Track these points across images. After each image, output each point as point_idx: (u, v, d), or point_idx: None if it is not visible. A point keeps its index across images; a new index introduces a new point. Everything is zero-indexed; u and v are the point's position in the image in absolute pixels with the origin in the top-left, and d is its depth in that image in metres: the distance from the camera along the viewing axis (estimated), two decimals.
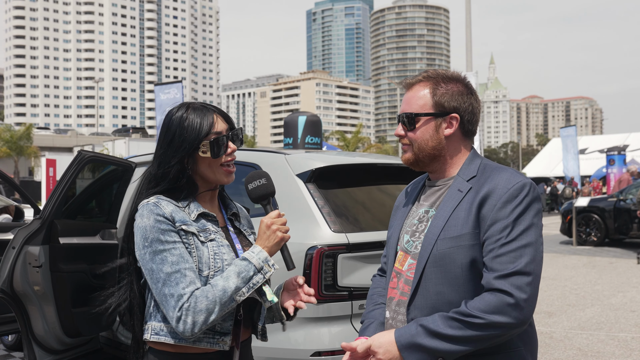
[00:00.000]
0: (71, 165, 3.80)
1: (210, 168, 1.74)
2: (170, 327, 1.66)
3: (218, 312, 1.60)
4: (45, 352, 3.84)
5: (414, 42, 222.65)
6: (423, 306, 1.60)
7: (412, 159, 1.71)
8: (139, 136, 54.09)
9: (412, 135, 1.69)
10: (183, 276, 1.61)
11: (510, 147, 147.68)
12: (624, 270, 10.12)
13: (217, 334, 1.70)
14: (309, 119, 7.60)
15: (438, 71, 1.72)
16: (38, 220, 3.72)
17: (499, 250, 1.51)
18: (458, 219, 1.58)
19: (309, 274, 2.96)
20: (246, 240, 1.89)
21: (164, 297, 1.60)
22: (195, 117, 1.72)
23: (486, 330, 1.48)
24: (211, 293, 1.60)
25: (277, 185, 3.36)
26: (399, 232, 1.79)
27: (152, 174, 1.76)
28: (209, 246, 1.70)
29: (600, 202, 13.66)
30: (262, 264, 1.67)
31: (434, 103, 1.67)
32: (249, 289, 1.64)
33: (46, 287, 3.71)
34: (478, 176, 1.63)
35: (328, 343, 2.95)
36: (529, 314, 1.50)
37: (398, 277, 1.72)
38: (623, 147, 28.24)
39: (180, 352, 1.68)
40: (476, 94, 1.72)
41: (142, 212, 1.67)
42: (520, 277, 1.48)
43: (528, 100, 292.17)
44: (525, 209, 1.54)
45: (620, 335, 5.87)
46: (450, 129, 1.67)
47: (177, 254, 1.63)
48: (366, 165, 3.64)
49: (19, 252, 3.69)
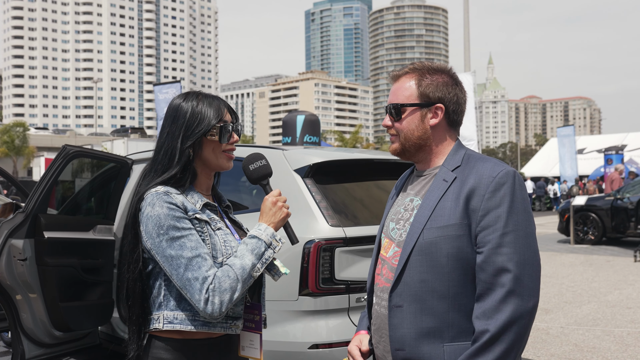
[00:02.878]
0: (55, 160, 3.81)
1: (214, 152, 1.80)
2: (185, 314, 1.69)
3: (240, 289, 1.68)
4: (34, 345, 3.83)
5: (412, 42, 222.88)
6: (405, 293, 1.63)
7: (399, 149, 1.76)
8: (137, 136, 54.10)
9: (399, 126, 1.74)
10: (204, 260, 1.66)
11: (508, 147, 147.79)
12: (621, 268, 10.16)
13: (229, 319, 1.77)
14: (308, 118, 7.62)
15: (424, 63, 1.77)
16: (21, 214, 3.72)
17: (498, 240, 1.54)
18: (444, 209, 1.62)
19: (307, 267, 2.99)
20: (241, 230, 1.94)
21: (188, 281, 1.63)
22: (208, 103, 1.80)
23: (518, 336, 1.52)
24: (232, 272, 1.67)
25: (275, 180, 3.40)
26: (385, 219, 1.84)
27: (156, 162, 1.79)
28: (218, 234, 1.76)
29: (598, 201, 13.70)
30: (270, 240, 1.75)
31: (420, 93, 1.71)
32: (262, 264, 1.73)
33: (32, 280, 3.72)
34: (462, 166, 1.67)
35: (325, 336, 2.99)
36: (538, 295, 1.56)
37: (382, 263, 1.77)
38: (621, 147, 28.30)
39: (187, 339, 1.72)
40: (462, 85, 1.76)
41: (153, 201, 1.70)
42: (524, 267, 1.53)
43: (526, 101, 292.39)
44: (513, 196, 1.58)
45: (616, 331, 5.91)
46: (435, 118, 1.72)
47: (195, 239, 1.68)
48: (363, 160, 3.67)
49: (3, 245, 3.69)
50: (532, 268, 1.55)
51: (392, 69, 1.81)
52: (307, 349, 2.97)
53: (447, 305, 1.58)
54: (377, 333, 1.75)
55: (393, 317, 1.64)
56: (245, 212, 3.36)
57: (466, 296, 1.58)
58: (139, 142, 37.24)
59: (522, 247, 1.55)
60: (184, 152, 1.75)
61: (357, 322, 3.06)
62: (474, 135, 10.72)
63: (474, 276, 1.58)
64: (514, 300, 1.51)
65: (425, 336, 1.59)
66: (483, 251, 1.56)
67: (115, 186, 4.31)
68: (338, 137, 58.84)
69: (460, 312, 1.58)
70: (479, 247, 1.57)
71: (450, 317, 1.58)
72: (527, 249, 1.55)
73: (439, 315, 1.58)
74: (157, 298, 1.74)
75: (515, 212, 1.56)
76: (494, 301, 1.52)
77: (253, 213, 3.26)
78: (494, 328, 1.50)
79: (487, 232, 1.56)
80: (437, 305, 1.59)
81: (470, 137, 10.48)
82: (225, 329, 1.76)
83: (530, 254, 1.56)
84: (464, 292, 1.58)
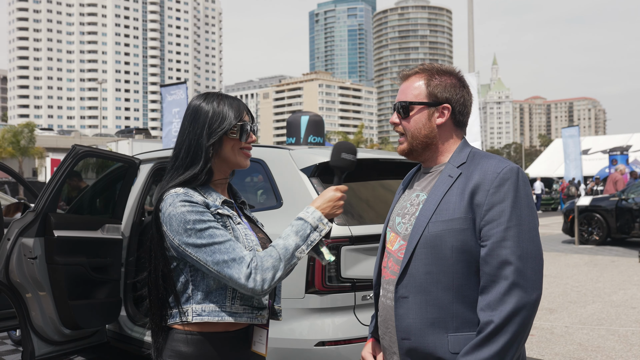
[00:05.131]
0: (65, 160, 3.85)
1: (233, 150, 1.84)
2: (213, 305, 1.74)
3: (283, 269, 1.71)
4: (44, 343, 3.88)
5: (416, 43, 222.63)
6: (411, 285, 1.67)
7: (407, 149, 1.81)
8: (142, 137, 54.20)
9: (406, 124, 1.79)
10: (236, 244, 1.71)
11: (513, 147, 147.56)
12: (626, 268, 10.16)
13: (255, 309, 1.81)
14: (312, 119, 7.65)
15: (433, 65, 1.83)
16: (32, 213, 3.76)
17: (502, 234, 1.58)
18: (449, 203, 1.66)
19: (313, 265, 3.03)
20: (257, 227, 1.98)
21: (225, 263, 1.67)
22: (229, 103, 1.85)
23: (522, 327, 1.56)
24: (274, 252, 1.72)
25: (281, 179, 3.45)
26: (391, 214, 1.89)
27: (178, 160, 1.82)
28: (239, 228, 1.81)
29: (603, 202, 13.68)
30: (317, 223, 1.78)
31: (428, 93, 1.77)
32: (307, 246, 1.76)
33: (42, 278, 3.76)
34: (467, 163, 1.72)
35: (332, 333, 3.02)
36: (541, 288, 1.60)
37: (388, 256, 1.82)
38: (626, 148, 28.26)
39: (205, 332, 1.76)
40: (469, 88, 1.82)
41: (173, 201, 1.73)
42: (527, 260, 1.58)
43: (531, 101, 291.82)
44: (517, 191, 1.62)
45: (621, 331, 5.92)
46: (442, 118, 1.77)
47: (222, 229, 1.73)
48: (369, 160, 3.70)
49: (14, 243, 3.73)
50: (535, 261, 1.59)
51: (397, 70, 1.88)
52: (313, 346, 3.00)
53: (452, 297, 1.63)
54: (384, 324, 1.80)
55: (399, 307, 1.69)
56: (252, 211, 3.39)
57: (470, 288, 1.62)
58: (144, 143, 37.30)
59: (525, 241, 1.59)
60: (207, 149, 1.80)
61: (363, 319, 3.10)
62: (478, 136, 10.71)
63: (478, 268, 1.62)
64: (517, 292, 1.55)
65: (430, 326, 1.63)
66: (487, 244, 1.60)
67: (123, 186, 4.35)
68: (342, 137, 58.86)
69: (464, 304, 1.62)
70: (483, 241, 1.61)
71: (455, 308, 1.62)
72: (530, 242, 1.59)
73: (443, 306, 1.63)
74: (183, 293, 1.77)
75: (519, 207, 1.61)
76: (497, 293, 1.56)
77: (259, 212, 3.29)
78: (498, 319, 1.54)
79: (491, 226, 1.60)
80: (442, 297, 1.63)
81: (475, 138, 10.48)
82: (252, 319, 1.80)
83: (532, 247, 1.60)
84: (467, 283, 1.63)
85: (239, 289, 1.69)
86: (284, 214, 3.26)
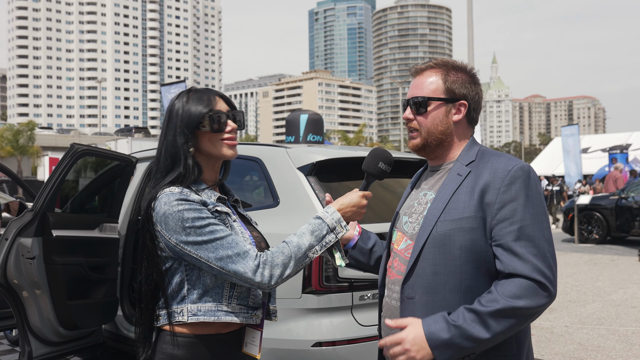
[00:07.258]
0: (64, 159, 3.81)
1: (211, 142, 1.79)
2: (208, 305, 1.70)
3: (293, 267, 1.68)
4: (41, 344, 3.84)
5: (416, 41, 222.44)
6: (418, 285, 1.63)
7: (420, 144, 1.75)
8: (141, 136, 54.10)
9: (422, 119, 1.74)
10: (238, 238, 1.69)
11: (512, 146, 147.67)
12: (626, 267, 10.14)
13: (250, 309, 1.78)
14: (311, 117, 7.63)
15: (447, 60, 1.78)
16: (30, 213, 3.72)
17: (517, 233, 1.55)
18: (459, 202, 1.62)
19: (310, 265, 2.99)
20: (251, 226, 1.94)
21: (229, 258, 1.64)
22: (198, 97, 1.80)
23: (522, 318, 1.53)
24: (287, 249, 1.68)
25: (278, 178, 3.41)
26: (397, 213, 1.85)
27: (159, 164, 1.79)
28: (236, 226, 1.78)
29: (602, 200, 13.66)
30: (335, 224, 1.75)
31: (446, 89, 1.73)
32: (321, 247, 1.72)
33: (40, 278, 3.72)
34: (477, 161, 1.68)
35: (329, 334, 2.99)
36: (556, 285, 1.57)
37: (394, 256, 1.78)
38: (625, 146, 28.23)
39: (197, 334, 1.72)
40: (480, 85, 1.79)
41: (169, 200, 1.69)
42: (544, 258, 1.54)
43: (530, 100, 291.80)
44: (529, 189, 1.59)
45: (621, 330, 5.90)
46: (458, 115, 1.73)
47: (222, 225, 1.70)
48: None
49: (12, 243, 3.69)
50: (551, 259, 1.56)
51: (397, 69, 1.83)
52: (310, 347, 2.97)
53: (459, 299, 1.59)
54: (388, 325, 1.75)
55: (405, 308, 1.65)
56: (248, 210, 3.36)
57: (478, 290, 1.58)
58: (143, 142, 37.16)
59: (539, 239, 1.56)
60: (183, 149, 1.76)
61: (360, 320, 3.07)
62: (478, 135, 10.70)
63: (486, 270, 1.59)
64: (532, 290, 1.52)
65: None
66: (501, 243, 1.57)
67: (120, 184, 4.32)
68: (342, 136, 58.86)
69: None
70: (495, 240, 1.58)
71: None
72: (544, 241, 1.57)
73: (451, 308, 1.58)
74: (178, 293, 1.73)
75: (531, 205, 1.58)
76: (512, 288, 1.52)
77: (256, 211, 3.26)
78: (502, 304, 1.51)
79: (503, 224, 1.57)
80: (450, 298, 1.59)
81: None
82: (247, 319, 1.77)
83: (546, 245, 1.57)
84: (476, 285, 1.59)
85: (244, 283, 1.66)
86: (280, 213, 3.23)
